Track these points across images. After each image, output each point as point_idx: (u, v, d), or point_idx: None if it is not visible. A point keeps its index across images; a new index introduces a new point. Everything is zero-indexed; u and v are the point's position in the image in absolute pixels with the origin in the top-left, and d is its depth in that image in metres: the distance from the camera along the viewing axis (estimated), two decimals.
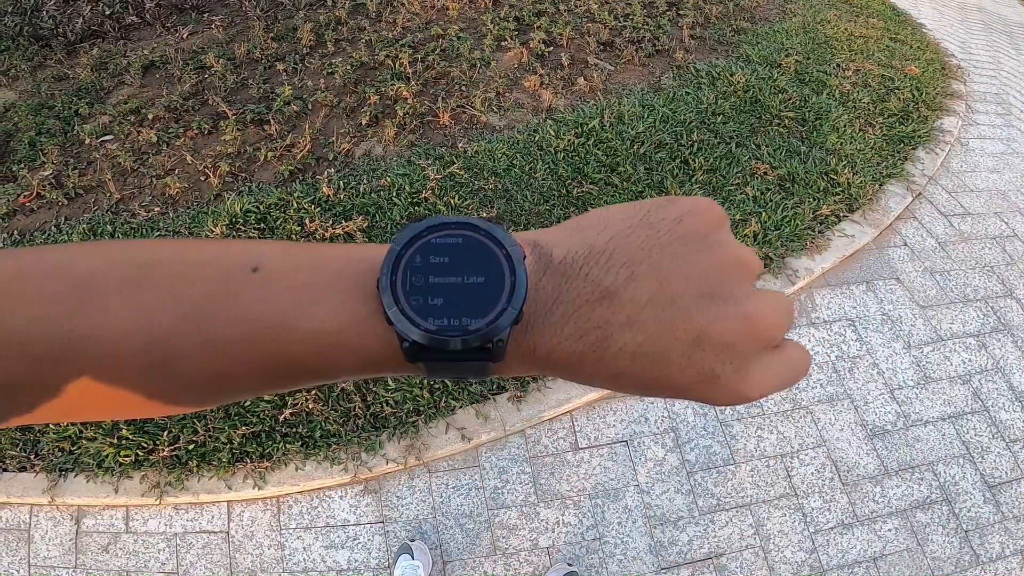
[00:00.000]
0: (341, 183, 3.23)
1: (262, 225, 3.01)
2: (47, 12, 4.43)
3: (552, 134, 3.57)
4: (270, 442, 2.38)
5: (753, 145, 3.70)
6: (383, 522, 2.32)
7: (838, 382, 2.82)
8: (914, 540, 2.43)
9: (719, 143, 3.66)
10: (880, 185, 3.65)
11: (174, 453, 2.34)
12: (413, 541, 2.23)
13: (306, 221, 3.01)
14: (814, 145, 3.77)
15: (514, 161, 3.41)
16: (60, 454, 2.35)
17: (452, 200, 3.15)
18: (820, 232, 3.31)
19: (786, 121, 3.89)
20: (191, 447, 2.35)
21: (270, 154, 3.41)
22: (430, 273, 0.31)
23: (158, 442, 2.35)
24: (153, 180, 3.31)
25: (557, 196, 3.26)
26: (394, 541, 2.28)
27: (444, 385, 2.57)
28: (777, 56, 4.46)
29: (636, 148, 3.55)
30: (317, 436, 2.40)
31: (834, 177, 3.56)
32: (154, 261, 0.31)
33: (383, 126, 3.59)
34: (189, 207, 3.17)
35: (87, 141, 3.53)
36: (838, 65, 4.53)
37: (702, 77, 4.15)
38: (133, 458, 2.32)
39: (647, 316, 0.30)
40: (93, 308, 0.29)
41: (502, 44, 4.32)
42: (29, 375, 0.29)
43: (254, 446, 2.37)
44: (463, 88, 3.90)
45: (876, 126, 4.05)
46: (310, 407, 2.44)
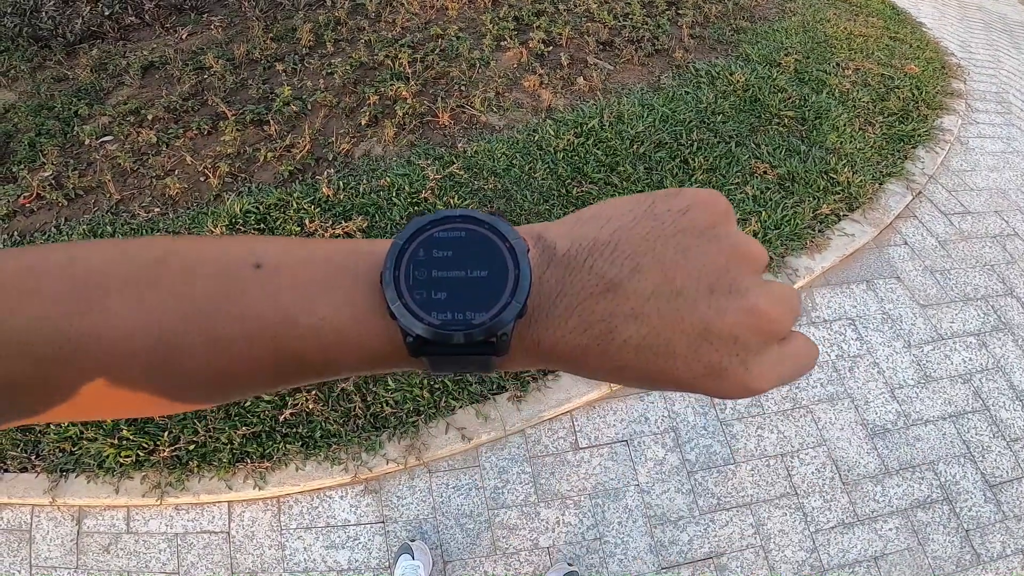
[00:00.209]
0: (341, 183, 3.23)
1: (262, 226, 3.01)
2: (46, 13, 4.43)
3: (552, 134, 3.57)
4: (270, 442, 2.38)
5: (753, 144, 3.70)
6: (383, 522, 2.32)
7: (838, 381, 2.82)
8: (915, 539, 2.43)
9: (719, 142, 3.66)
10: (880, 184, 3.65)
11: (175, 453, 2.34)
12: (413, 541, 2.23)
13: (306, 221, 3.01)
14: (814, 144, 3.76)
15: (514, 161, 3.41)
16: (61, 455, 2.35)
17: (452, 200, 3.15)
18: (820, 231, 3.31)
19: (786, 120, 3.89)
20: (191, 447, 2.35)
21: (270, 154, 3.41)
22: (433, 267, 0.31)
23: (159, 442, 2.35)
24: (153, 181, 3.31)
25: (557, 196, 3.26)
26: (394, 541, 2.28)
27: (444, 385, 2.57)
28: (777, 55, 4.45)
29: (636, 147, 3.55)
30: (317, 436, 2.40)
31: (834, 176, 3.56)
32: (156, 259, 0.31)
33: (382, 126, 3.59)
34: (189, 208, 3.17)
35: (87, 142, 3.53)
36: (838, 64, 4.53)
37: (701, 76, 4.15)
38: (134, 458, 2.32)
39: (651, 309, 0.30)
40: (95, 307, 0.29)
41: (501, 44, 4.31)
42: (31, 375, 0.29)
43: (254, 446, 2.37)
44: (462, 88, 3.90)
45: (876, 125, 4.04)
46: (310, 407, 2.44)
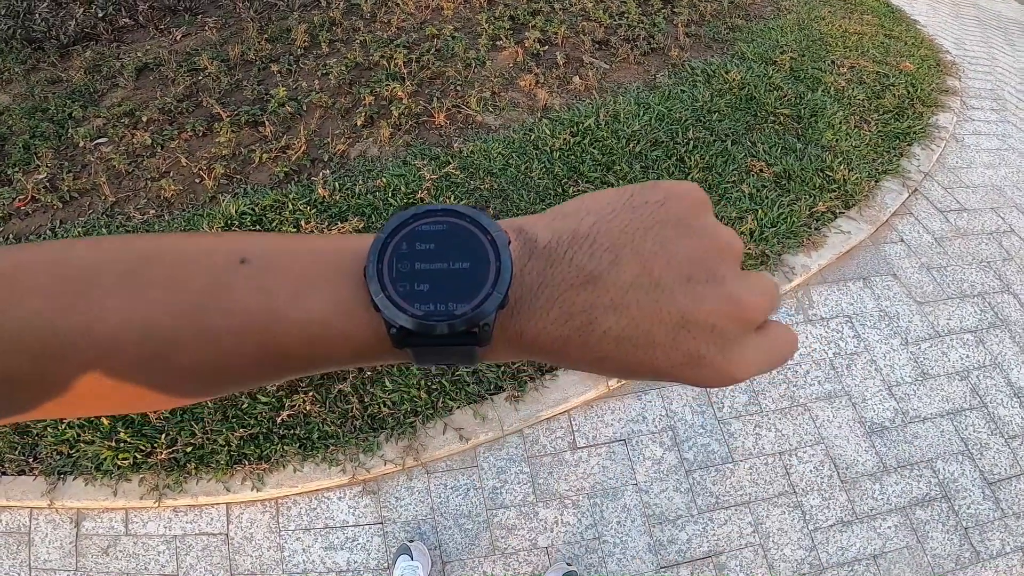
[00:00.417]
0: (336, 184, 3.22)
1: (258, 227, 3.00)
2: (40, 15, 4.41)
3: (548, 133, 3.57)
4: (268, 444, 2.38)
5: (749, 142, 3.70)
6: (382, 523, 2.32)
7: (836, 379, 2.82)
8: (914, 537, 2.44)
9: (715, 141, 3.66)
10: (876, 181, 3.66)
11: (172, 456, 2.34)
12: (412, 542, 2.23)
13: (301, 223, 3.00)
14: (810, 142, 3.77)
15: (510, 160, 3.40)
16: (58, 457, 2.34)
17: (448, 200, 3.15)
18: (816, 229, 3.31)
19: (781, 118, 3.89)
20: (189, 449, 2.35)
21: (265, 156, 3.40)
22: (416, 260, 0.31)
23: (156, 444, 2.34)
24: (148, 183, 3.30)
25: (553, 195, 3.26)
26: (393, 542, 2.28)
27: (441, 385, 2.56)
28: (772, 53, 4.46)
29: (632, 146, 3.55)
30: (315, 438, 2.40)
31: (830, 174, 3.56)
32: (148, 255, 0.31)
33: (378, 126, 3.59)
34: (184, 209, 3.16)
35: (81, 144, 3.52)
36: (833, 62, 4.53)
37: (697, 75, 4.15)
38: (131, 461, 2.32)
39: (631, 299, 0.31)
40: (89, 303, 0.29)
41: (497, 43, 4.31)
42: (26, 371, 0.29)
43: (252, 448, 2.36)
44: (458, 88, 3.90)
45: (871, 122, 4.05)
46: (308, 409, 2.44)
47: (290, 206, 3.08)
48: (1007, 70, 5.47)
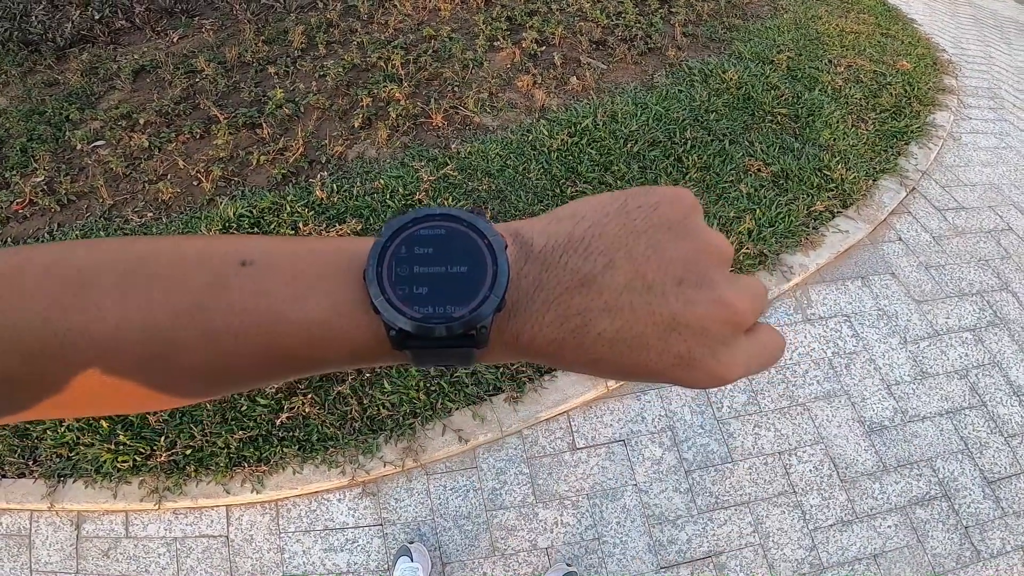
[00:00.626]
0: (334, 186, 3.22)
1: (255, 229, 3.00)
2: (36, 17, 4.41)
3: (545, 134, 3.57)
4: (267, 446, 2.38)
5: (746, 142, 3.70)
6: (382, 524, 2.32)
7: (835, 378, 2.82)
8: (914, 536, 2.44)
9: (712, 140, 3.66)
10: (874, 180, 3.66)
11: (171, 458, 2.33)
12: (412, 543, 2.23)
13: (299, 225, 3.00)
14: (807, 141, 3.77)
15: (508, 161, 3.40)
16: (58, 460, 2.34)
17: (446, 201, 3.15)
18: (814, 228, 3.31)
19: (779, 118, 3.90)
20: (188, 452, 2.34)
21: (263, 158, 3.40)
22: (415, 263, 0.32)
23: (155, 447, 2.34)
24: (145, 185, 3.30)
25: (551, 196, 3.26)
26: (393, 543, 2.28)
27: (440, 387, 2.56)
28: (769, 53, 4.46)
29: (630, 147, 3.55)
30: (314, 440, 2.39)
31: (827, 173, 3.57)
32: (149, 257, 0.31)
33: (376, 128, 3.59)
34: (182, 212, 3.16)
35: (79, 147, 3.51)
36: (830, 61, 4.54)
37: (695, 75, 4.15)
38: (131, 463, 2.32)
39: (624, 302, 0.31)
40: (89, 303, 0.29)
41: (494, 44, 4.31)
42: (25, 371, 0.29)
43: (251, 450, 2.36)
44: (456, 89, 3.90)
45: (869, 121, 4.05)
46: (306, 411, 2.44)
47: (288, 208, 3.07)
48: (1004, 68, 5.47)
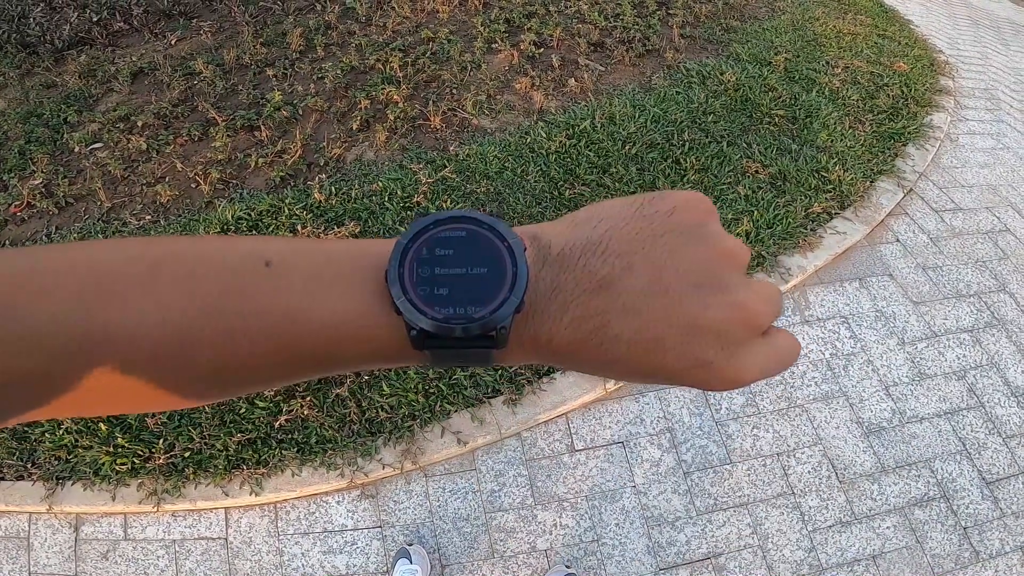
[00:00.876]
0: (333, 188, 3.22)
1: (254, 232, 3.00)
2: (34, 19, 4.40)
3: (544, 136, 3.57)
4: (266, 448, 2.38)
5: (744, 144, 3.71)
6: (381, 527, 2.32)
7: (833, 380, 2.82)
8: (913, 537, 2.44)
9: (710, 142, 3.67)
10: (871, 182, 3.67)
11: (170, 460, 2.33)
12: (411, 545, 2.22)
13: (298, 227, 3.00)
14: (805, 143, 3.78)
15: (506, 163, 3.41)
16: (57, 462, 2.34)
17: (444, 204, 3.15)
18: (812, 230, 3.32)
19: (777, 119, 3.90)
20: (187, 454, 2.34)
21: (261, 160, 3.40)
22: (436, 265, 0.33)
23: (154, 449, 2.34)
24: (144, 188, 3.29)
25: (549, 198, 3.26)
26: (392, 546, 2.28)
27: (439, 389, 2.56)
28: (767, 54, 4.47)
29: (628, 148, 3.55)
30: (313, 442, 2.39)
31: (825, 174, 3.57)
32: (170, 257, 0.32)
33: (374, 130, 3.59)
34: (180, 215, 3.16)
35: (77, 149, 3.51)
36: (827, 62, 4.55)
37: (692, 76, 4.16)
38: (129, 466, 2.32)
39: (642, 305, 0.32)
40: (111, 303, 0.30)
41: (492, 46, 4.31)
42: (47, 369, 0.29)
43: (250, 452, 2.36)
44: (454, 91, 3.90)
45: (866, 123, 4.06)
46: (305, 413, 2.44)
47: (286, 211, 3.07)
48: (1001, 69, 5.48)
